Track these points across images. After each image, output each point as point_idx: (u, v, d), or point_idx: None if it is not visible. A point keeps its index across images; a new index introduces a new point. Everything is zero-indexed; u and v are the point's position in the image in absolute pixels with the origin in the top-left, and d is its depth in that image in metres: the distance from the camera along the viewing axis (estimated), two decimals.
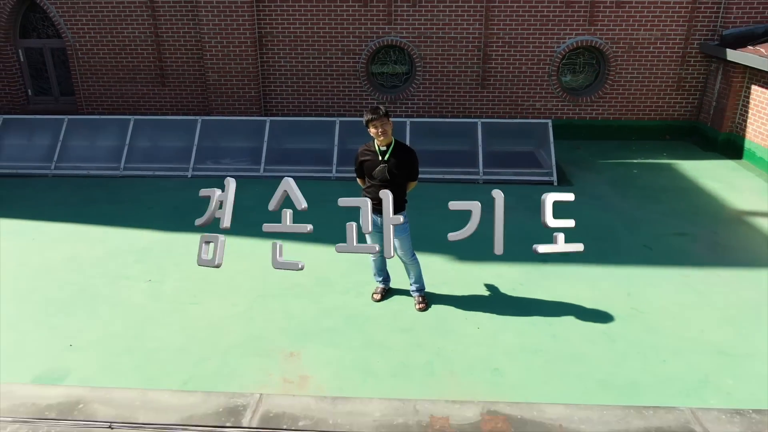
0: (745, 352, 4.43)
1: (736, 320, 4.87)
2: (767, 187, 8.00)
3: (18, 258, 6.03)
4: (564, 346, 4.49)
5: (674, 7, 9.33)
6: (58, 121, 8.85)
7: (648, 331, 4.69)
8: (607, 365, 4.23)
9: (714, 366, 4.25)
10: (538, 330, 4.68)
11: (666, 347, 4.48)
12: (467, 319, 4.84)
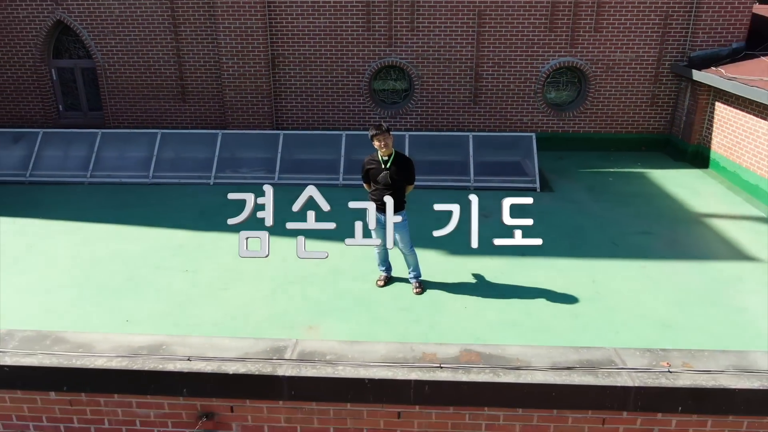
0: (685, 326, 5.41)
1: (682, 302, 5.85)
2: (727, 192, 9.00)
3: (70, 253, 7.01)
4: (536, 321, 5.47)
5: (647, 31, 10.40)
6: (92, 135, 9.88)
7: (607, 310, 5.67)
8: (569, 335, 5.20)
9: (657, 336, 5.23)
10: (515, 308, 5.67)
11: (620, 322, 5.46)
12: (456, 300, 5.82)
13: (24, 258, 6.91)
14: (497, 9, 10.37)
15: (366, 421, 3.60)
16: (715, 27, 10.15)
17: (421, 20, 10.48)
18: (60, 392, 3.66)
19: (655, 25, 10.35)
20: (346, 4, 10.43)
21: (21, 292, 6.08)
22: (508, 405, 3.50)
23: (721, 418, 3.45)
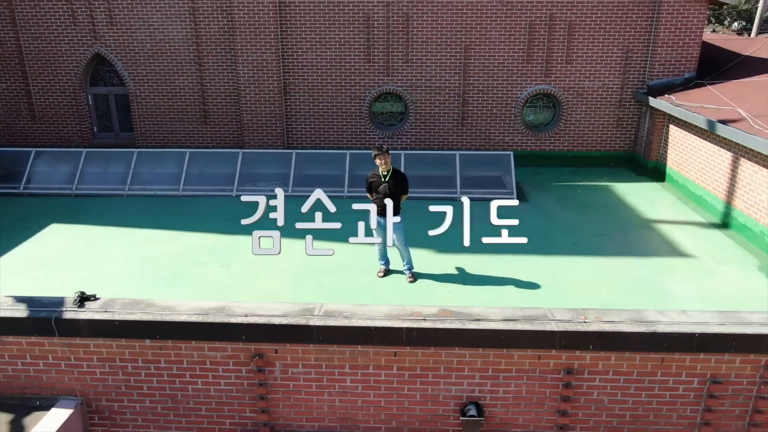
0: (619, 305, 6.90)
1: (621, 288, 7.37)
2: (677, 202, 10.57)
3: (122, 253, 8.52)
4: (504, 300, 6.96)
5: (611, 62, 12.04)
6: (129, 154, 11.45)
7: (560, 293, 7.18)
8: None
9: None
10: (489, 292, 7.17)
11: (570, 302, 6.96)
12: (443, 288, 7.33)
13: (85, 256, 8.42)
14: (481, 44, 12.01)
15: (371, 359, 5.09)
16: (669, 59, 11.80)
17: (415, 53, 12.11)
18: (153, 340, 5.15)
19: (618, 57, 11.99)
20: (349, 40, 12.07)
21: (89, 282, 7.55)
22: (471, 345, 5.00)
23: (619, 353, 4.95)
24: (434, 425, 5.27)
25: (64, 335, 5.14)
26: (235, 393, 5.30)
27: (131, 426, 5.49)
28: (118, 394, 5.39)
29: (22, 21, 12.42)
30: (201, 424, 5.44)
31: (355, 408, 5.29)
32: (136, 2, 12.11)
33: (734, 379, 5.00)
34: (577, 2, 11.68)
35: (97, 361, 5.28)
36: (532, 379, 5.09)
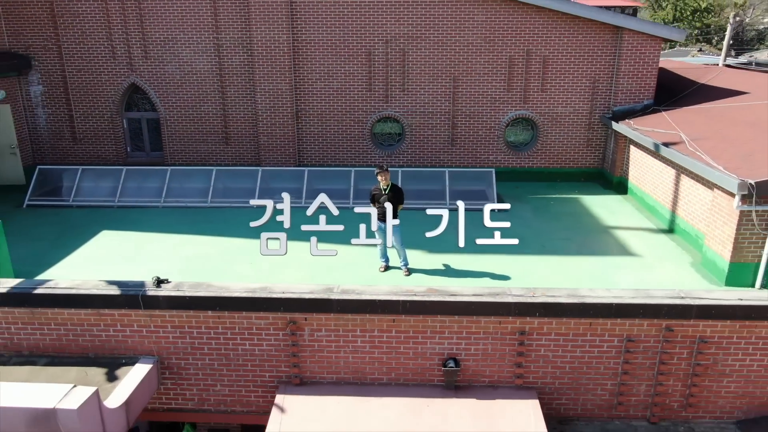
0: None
1: (576, 279, 9.18)
2: (635, 211, 12.43)
3: (166, 254, 10.33)
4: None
5: (580, 91, 13.97)
6: (163, 171, 13.32)
7: (527, 283, 9.00)
8: None
9: None
10: (471, 281, 8.99)
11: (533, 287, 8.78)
12: (433, 280, 9.14)
13: (135, 257, 10.24)
14: (468, 75, 13.95)
15: (376, 324, 6.89)
16: (630, 89, 13.74)
17: (410, 83, 14.05)
18: (213, 311, 6.95)
19: (587, 87, 13.94)
20: (353, 71, 14.01)
21: (145, 276, 9.35)
22: (450, 314, 6.80)
23: (559, 319, 6.75)
24: (423, 375, 7.07)
25: (147, 308, 6.95)
26: (273, 352, 7.10)
27: (193, 379, 7.28)
28: (184, 354, 7.18)
29: (68, 55, 14.34)
30: (247, 377, 7.23)
31: (364, 363, 7.09)
32: (168, 39, 14.05)
33: (644, 339, 6.82)
34: (550, 40, 13.64)
35: (170, 328, 7.08)
36: (495, 339, 6.90)
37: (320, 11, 13.63)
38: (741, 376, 6.92)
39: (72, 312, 7.03)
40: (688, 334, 6.76)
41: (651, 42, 13.48)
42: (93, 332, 7.11)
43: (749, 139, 10.21)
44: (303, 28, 13.79)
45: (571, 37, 13.66)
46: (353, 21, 13.69)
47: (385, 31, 13.75)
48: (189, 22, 13.94)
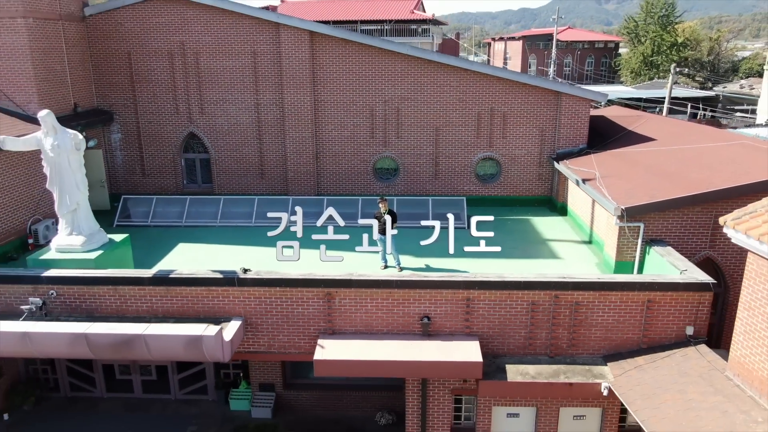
0: None
1: (517, 273, 13.71)
2: (569, 229, 17.01)
3: (230, 258, 14.82)
4: None
5: (532, 138, 18.65)
6: (217, 199, 17.91)
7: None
8: None
9: None
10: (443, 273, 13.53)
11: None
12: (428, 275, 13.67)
13: (208, 259, 14.73)
14: (446, 126, 18.66)
15: (379, 295, 11.38)
16: (568, 136, 18.43)
17: (403, 132, 18.75)
18: (279, 287, 11.46)
19: (537, 134, 18.64)
20: (360, 123, 18.71)
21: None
22: (424, 288, 11.31)
23: (490, 291, 11.24)
24: (408, 327, 11.54)
25: (239, 286, 11.46)
26: (316, 313, 11.59)
27: (265, 331, 11.75)
28: (260, 315, 11.67)
29: (142, 111, 19.05)
30: (298, 329, 11.70)
31: (371, 320, 11.58)
32: (219, 99, 18.77)
33: (542, 303, 11.33)
34: (508, 100, 18.38)
35: (252, 299, 11.58)
36: (452, 304, 11.40)
37: (335, 79, 18.40)
38: (602, 327, 11.43)
39: (192, 288, 11.56)
40: (568, 300, 11.29)
41: (582, 102, 18.24)
42: (204, 302, 11.62)
43: (638, 178, 14.84)
44: (322, 91, 18.54)
45: (524, 99, 18.41)
46: (359, 87, 18.45)
47: (383, 93, 18.50)
48: (236, 87, 18.68)
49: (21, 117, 16.08)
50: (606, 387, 10.90)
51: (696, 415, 9.46)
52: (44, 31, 16.53)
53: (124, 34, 18.49)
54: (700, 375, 10.45)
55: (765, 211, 9.51)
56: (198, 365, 15.39)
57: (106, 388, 15.68)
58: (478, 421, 12.31)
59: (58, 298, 11.66)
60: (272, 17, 18.05)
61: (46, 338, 10.46)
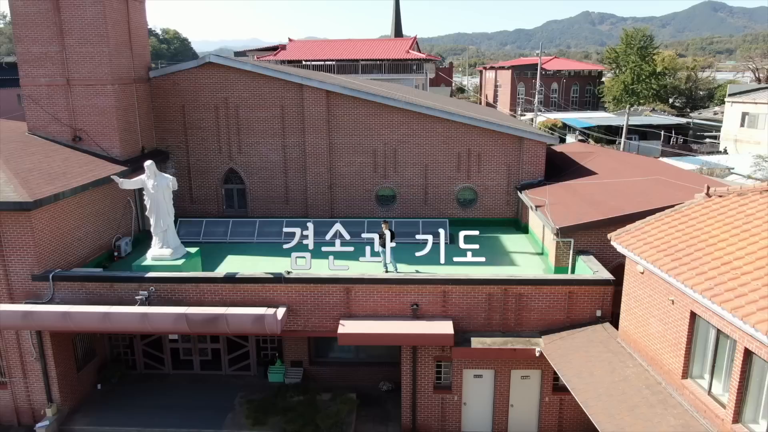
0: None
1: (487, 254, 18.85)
2: (528, 243, 22.17)
3: (265, 265, 19.90)
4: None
5: (501, 172, 23.89)
6: (254, 221, 23.08)
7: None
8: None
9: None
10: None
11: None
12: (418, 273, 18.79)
13: (250, 267, 19.79)
14: (434, 162, 23.90)
15: (383, 288, 16.47)
16: (529, 171, 23.69)
17: (399, 168, 24.00)
18: (313, 284, 16.52)
19: (504, 169, 23.90)
20: (365, 161, 23.96)
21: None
22: (413, 284, 16.40)
23: (461, 286, 16.32)
24: (403, 311, 16.62)
25: (284, 283, 16.55)
26: (338, 302, 16.67)
27: (302, 315, 16.80)
28: (298, 304, 16.74)
29: (191, 150, 24.28)
30: (326, 314, 16.76)
31: (377, 307, 16.66)
32: (254, 141, 24.03)
33: (496, 294, 16.42)
34: (482, 143, 23.65)
35: (294, 292, 16.67)
36: (432, 295, 16.51)
37: (345, 126, 23.69)
38: (538, 311, 16.53)
39: (251, 285, 16.64)
40: (514, 292, 16.41)
41: (540, 145, 23.55)
42: (260, 294, 16.69)
43: (574, 204, 20.03)
44: (335, 136, 23.81)
45: (495, 141, 23.69)
46: (365, 132, 23.74)
47: (383, 138, 23.78)
48: (267, 132, 23.95)
49: (106, 158, 21.25)
50: (538, 351, 15.99)
51: (592, 365, 14.57)
52: (124, 93, 21.80)
53: (180, 91, 23.79)
54: (600, 341, 15.57)
55: (634, 229, 14.73)
56: (243, 348, 20.44)
57: (172, 366, 20.70)
58: (453, 381, 17.35)
59: (156, 292, 16.73)
60: (297, 80, 23.38)
61: (158, 317, 15.52)
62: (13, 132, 21.38)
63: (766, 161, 37.63)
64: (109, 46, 20.71)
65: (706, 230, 13.35)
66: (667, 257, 13.00)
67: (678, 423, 11.97)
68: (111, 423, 17.96)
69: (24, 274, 16.91)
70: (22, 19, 20.47)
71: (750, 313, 10.21)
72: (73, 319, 15.62)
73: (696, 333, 12.34)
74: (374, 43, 51.57)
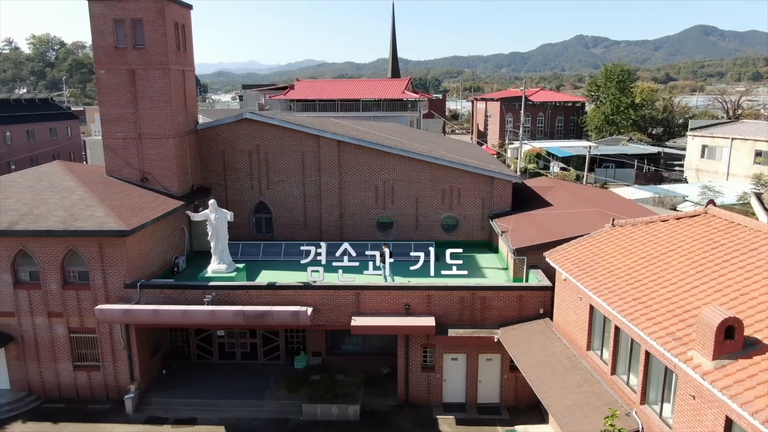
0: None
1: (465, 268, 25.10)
2: (496, 261, 28.43)
3: (291, 278, 26.10)
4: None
5: (477, 204, 30.25)
6: (280, 244, 29.37)
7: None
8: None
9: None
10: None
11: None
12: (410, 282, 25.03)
13: (281, 279, 25.99)
14: (423, 196, 30.30)
15: (384, 293, 22.63)
16: (498, 203, 30.08)
17: (396, 200, 30.39)
18: (333, 291, 22.70)
19: (479, 202, 30.28)
20: (368, 195, 30.33)
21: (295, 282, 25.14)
22: (406, 290, 22.59)
23: (439, 292, 22.50)
24: (398, 309, 22.78)
25: (312, 290, 22.74)
26: (351, 303, 22.84)
27: (325, 313, 22.92)
28: (320, 305, 22.88)
29: (229, 187, 30.66)
30: (342, 312, 22.90)
31: (380, 306, 22.82)
32: (279, 180, 30.41)
33: (466, 297, 22.61)
34: (462, 180, 30.06)
35: (317, 296, 22.85)
36: (419, 297, 22.71)
37: (352, 168, 30.12)
38: (497, 309, 22.75)
39: (287, 291, 22.86)
40: (480, 295, 22.64)
41: (507, 183, 29.99)
42: (293, 298, 22.91)
43: (530, 230, 26.32)
44: (345, 175, 30.23)
45: (472, 179, 30.10)
46: (368, 172, 30.18)
47: (383, 176, 30.20)
48: (290, 172, 30.37)
49: (167, 194, 27.53)
50: (497, 338, 22.15)
51: (532, 346, 20.78)
52: (180, 143, 28.19)
53: (221, 140, 30.20)
54: (540, 331, 21.78)
55: (561, 249, 21.05)
56: (274, 342, 26.56)
57: (219, 357, 26.79)
58: (436, 363, 23.45)
59: (216, 297, 22.88)
60: (315, 132, 29.83)
61: (222, 313, 21.69)
62: (95, 174, 27.71)
63: (710, 190, 44.10)
64: (171, 108, 27.14)
65: (605, 250, 19.66)
66: (576, 268, 19.28)
67: (581, 378, 18.14)
68: (177, 396, 24.00)
69: (118, 284, 23.09)
70: (106, 88, 26.91)
71: (615, 303, 16.44)
72: (160, 315, 21.79)
73: (594, 319, 18.56)
74: (374, 83, 58.30)
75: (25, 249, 23.03)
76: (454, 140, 46.77)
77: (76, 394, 24.50)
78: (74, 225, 22.55)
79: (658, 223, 20.08)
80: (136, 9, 26.04)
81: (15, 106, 64.41)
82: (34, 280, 23.53)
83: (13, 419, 23.12)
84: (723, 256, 16.46)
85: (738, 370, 12.16)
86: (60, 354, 24.08)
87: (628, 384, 16.49)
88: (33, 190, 24.95)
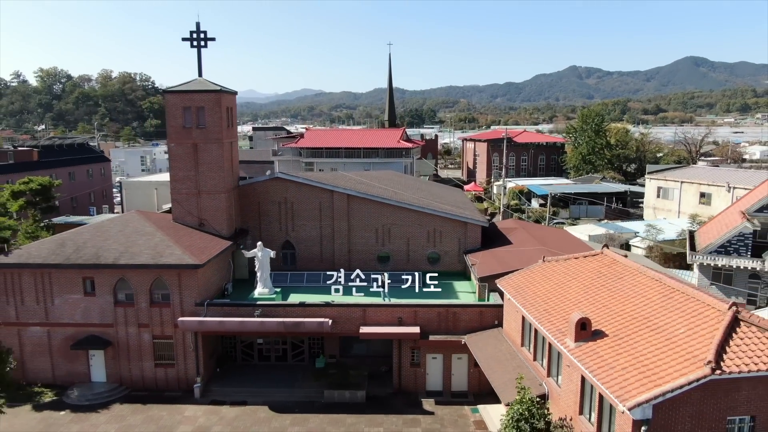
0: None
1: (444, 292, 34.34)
2: (468, 286, 37.69)
3: (314, 299, 35.30)
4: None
5: (455, 242, 39.63)
6: (302, 273, 38.66)
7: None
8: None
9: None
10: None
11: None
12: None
13: (307, 300, 35.21)
14: (413, 236, 39.78)
15: (382, 309, 31.81)
16: (471, 241, 39.47)
17: (392, 239, 39.85)
18: (348, 308, 31.89)
19: (456, 240, 39.75)
20: (371, 235, 39.78)
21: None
22: (399, 307, 31.79)
23: (422, 308, 31.68)
24: (393, 321, 31.89)
25: (330, 307, 31.94)
26: (358, 316, 31.99)
27: (339, 323, 32.03)
28: (337, 318, 32.01)
29: (263, 228, 40.08)
30: (352, 322, 32.02)
31: (380, 318, 31.98)
32: (302, 224, 39.89)
33: (441, 312, 31.79)
34: (443, 224, 39.52)
35: (335, 312, 32.01)
36: (409, 312, 31.87)
37: (359, 214, 39.62)
38: (465, 321, 31.94)
39: (313, 308, 32.02)
40: (451, 311, 31.86)
41: (477, 226, 39.49)
42: (317, 313, 32.05)
43: (492, 263, 35.65)
44: (353, 220, 39.74)
45: (450, 223, 39.58)
46: (370, 218, 39.68)
47: (381, 221, 39.70)
48: (310, 218, 39.87)
49: (219, 236, 36.83)
50: (463, 342, 31.27)
51: (488, 346, 29.99)
52: (228, 196, 37.62)
53: (256, 193, 39.68)
54: (494, 336, 31.02)
55: (507, 278, 30.43)
56: (300, 348, 35.67)
57: (258, 359, 35.85)
58: (421, 361, 32.54)
59: (262, 312, 31.98)
60: (330, 187, 39.35)
61: (269, 324, 30.82)
62: (165, 221, 37.09)
63: (654, 228, 53.62)
64: (223, 170, 36.64)
65: (534, 278, 28.97)
66: (515, 291, 28.57)
67: (516, 364, 27.31)
68: (230, 386, 33.02)
69: (191, 303, 32.25)
70: (175, 157, 36.44)
71: (533, 313, 25.69)
72: (224, 324, 30.94)
73: (525, 325, 27.77)
74: (373, 133, 68.12)
75: (124, 277, 32.25)
76: (440, 186, 56.37)
77: (155, 385, 33.46)
78: (161, 260, 31.83)
79: (571, 260, 29.45)
80: (200, 99, 35.74)
81: (57, 150, 74.06)
82: (128, 300, 32.72)
83: (112, 402, 32.05)
84: (603, 282, 25.81)
85: (588, 348, 21.40)
86: (145, 355, 33.11)
87: (542, 365, 25.63)
88: (123, 233, 34.28)
